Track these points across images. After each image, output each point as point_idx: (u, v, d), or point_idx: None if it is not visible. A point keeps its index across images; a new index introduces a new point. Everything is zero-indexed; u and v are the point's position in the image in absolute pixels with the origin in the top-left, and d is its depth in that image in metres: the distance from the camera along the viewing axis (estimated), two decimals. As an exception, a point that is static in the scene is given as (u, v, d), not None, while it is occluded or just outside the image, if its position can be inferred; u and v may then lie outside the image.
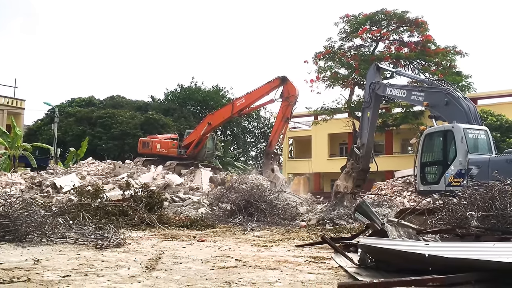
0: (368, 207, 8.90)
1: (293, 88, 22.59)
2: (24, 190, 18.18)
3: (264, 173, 22.84)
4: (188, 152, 26.96)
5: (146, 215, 12.77)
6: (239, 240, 10.29)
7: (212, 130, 27.06)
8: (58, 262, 6.70)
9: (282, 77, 22.93)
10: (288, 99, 22.43)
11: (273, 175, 21.86)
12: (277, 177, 21.76)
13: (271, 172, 21.98)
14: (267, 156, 22.82)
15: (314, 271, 6.26)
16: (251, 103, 24.69)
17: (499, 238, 6.83)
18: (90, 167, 24.97)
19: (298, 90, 22.82)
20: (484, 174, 10.87)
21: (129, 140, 40.73)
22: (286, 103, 22.47)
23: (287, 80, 22.74)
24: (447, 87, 14.03)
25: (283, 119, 22.63)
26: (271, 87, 23.38)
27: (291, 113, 22.76)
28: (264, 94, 23.82)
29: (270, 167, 22.10)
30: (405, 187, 19.60)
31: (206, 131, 26.40)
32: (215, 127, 26.88)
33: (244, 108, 24.95)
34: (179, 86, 53.96)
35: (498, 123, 25.46)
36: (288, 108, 22.55)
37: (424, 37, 29.29)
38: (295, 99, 22.59)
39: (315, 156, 40.29)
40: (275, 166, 22.21)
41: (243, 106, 24.82)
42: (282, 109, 22.75)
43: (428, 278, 4.93)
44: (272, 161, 22.25)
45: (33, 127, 47.94)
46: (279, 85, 22.90)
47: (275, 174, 21.85)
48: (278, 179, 21.64)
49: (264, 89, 23.73)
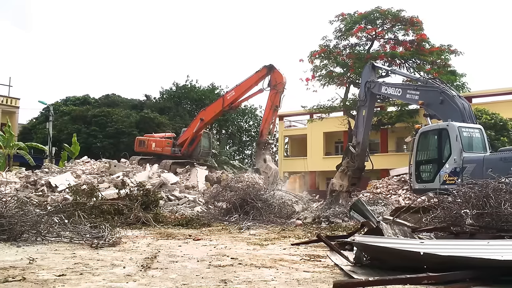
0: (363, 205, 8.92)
1: (280, 75, 22.45)
2: (19, 189, 18.10)
3: (257, 164, 22.69)
4: (182, 150, 26.85)
5: (141, 214, 12.77)
6: (235, 238, 10.29)
7: (205, 126, 26.90)
8: (53, 261, 6.68)
9: (268, 66, 22.83)
10: (276, 87, 22.26)
11: (265, 165, 21.55)
12: (269, 167, 21.37)
13: (263, 162, 21.70)
14: (258, 146, 22.60)
15: (310, 269, 6.27)
16: (241, 95, 24.60)
17: (493, 236, 6.88)
18: (85, 166, 24.88)
19: (286, 78, 22.55)
20: (479, 172, 10.94)
21: (125, 138, 40.59)
22: (274, 91, 22.33)
23: (273, 68, 22.64)
24: (442, 85, 14.08)
25: (271, 108, 22.39)
26: (258, 77, 23.31)
27: (279, 101, 22.42)
28: (253, 85, 23.74)
29: (262, 157, 21.82)
30: (400, 185, 19.66)
31: (199, 127, 26.34)
32: (208, 122, 26.74)
33: (234, 101, 24.85)
34: (174, 85, 53.87)
35: (492, 122, 25.54)
36: (276, 96, 22.33)
37: (419, 36, 29.33)
38: (283, 87, 22.37)
39: (311, 155, 40.33)
40: (267, 156, 21.81)
41: (233, 98, 24.76)
42: (270, 97, 22.58)
43: (423, 276, 4.96)
44: (264, 151, 21.93)
45: (27, 126, 47.71)
46: (267, 74, 22.79)
47: (267, 164, 21.43)
48: (270, 169, 21.26)
49: (252, 79, 23.67)
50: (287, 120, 45.72)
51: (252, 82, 23.64)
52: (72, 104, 47.49)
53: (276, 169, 21.92)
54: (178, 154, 26.87)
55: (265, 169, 21.59)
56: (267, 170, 21.44)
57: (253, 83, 23.64)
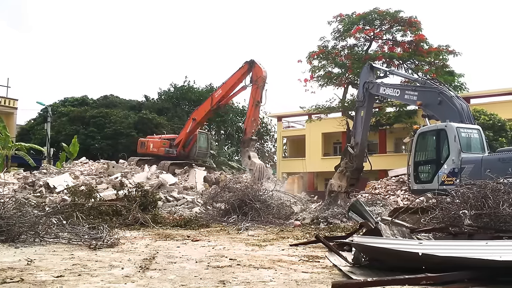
0: (362, 206, 8.94)
1: (260, 69, 22.32)
2: (17, 190, 18.06)
3: (242, 162, 22.63)
4: (178, 151, 26.94)
5: (140, 214, 12.75)
6: (233, 239, 10.29)
7: (199, 126, 26.88)
8: (51, 262, 6.67)
9: (250, 61, 22.82)
10: (257, 82, 22.25)
11: (249, 162, 21.43)
12: (253, 163, 21.18)
13: (248, 159, 21.60)
14: (243, 145, 22.58)
15: (308, 270, 6.27)
16: (227, 93, 24.66)
17: (492, 237, 6.88)
18: (83, 166, 24.85)
19: (266, 72, 22.41)
20: (477, 173, 10.95)
21: (123, 139, 40.53)
22: (255, 86, 22.23)
23: (254, 63, 22.58)
24: (440, 86, 14.10)
25: (253, 104, 22.37)
26: (241, 74, 23.31)
27: (261, 96, 22.26)
28: (237, 82, 23.75)
29: (246, 154, 21.73)
30: (399, 186, 19.66)
31: (193, 127, 26.43)
32: (200, 122, 26.74)
33: (222, 99, 24.92)
34: (172, 86, 53.83)
35: (490, 122, 25.57)
36: (257, 91, 22.18)
37: (417, 36, 29.41)
38: (263, 81, 22.19)
39: (309, 155, 40.34)
40: (251, 153, 21.58)
41: (220, 96, 24.83)
42: (251, 93, 22.48)
43: (421, 277, 4.96)
44: (248, 148, 21.82)
45: (26, 127, 47.61)
46: (249, 70, 22.75)
47: (252, 161, 21.30)
48: (254, 165, 21.09)
49: (235, 76, 23.68)
50: (285, 121, 45.73)
51: (236, 79, 23.72)
52: (70, 105, 47.41)
53: (261, 164, 21.62)
54: (173, 154, 26.88)
55: (250, 166, 21.46)
56: (252, 166, 21.29)
57: (236, 80, 23.72)
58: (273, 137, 54.09)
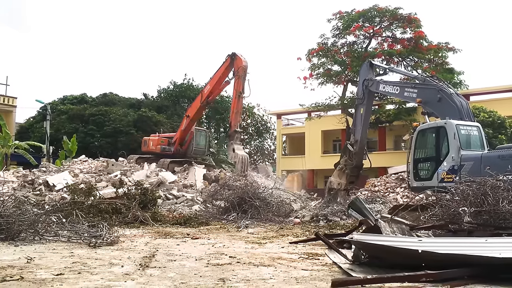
0: (361, 204, 8.93)
1: (240, 60, 22.40)
2: (17, 188, 18.06)
3: (228, 156, 22.65)
4: (175, 148, 27.03)
5: (139, 212, 12.75)
6: (233, 237, 10.29)
7: (193, 123, 26.87)
8: (51, 260, 6.66)
9: (231, 54, 22.97)
10: (238, 73, 22.33)
11: (233, 154, 21.44)
12: (236, 155, 21.09)
13: (232, 152, 21.56)
14: (228, 138, 22.67)
15: (308, 268, 6.27)
16: (214, 88, 24.80)
17: (491, 234, 6.88)
18: (83, 164, 24.85)
19: (246, 61, 22.45)
20: (477, 170, 10.96)
21: (122, 137, 40.52)
22: (237, 77, 22.35)
23: (235, 55, 22.76)
24: (439, 83, 14.09)
25: (236, 95, 22.41)
26: (225, 67, 23.44)
27: (242, 86, 22.27)
28: (223, 76, 23.91)
29: (231, 147, 21.75)
30: (398, 183, 19.67)
31: (187, 124, 26.53)
32: (193, 119, 26.77)
33: (210, 94, 25.08)
34: (171, 83, 53.76)
35: (490, 120, 25.60)
36: (239, 82, 22.17)
37: (416, 33, 29.37)
38: (244, 71, 22.19)
39: (309, 153, 40.35)
40: (235, 146, 21.38)
41: (208, 92, 24.99)
42: (234, 85, 22.58)
43: (421, 274, 4.96)
44: (233, 141, 21.81)
45: (25, 125, 47.59)
46: (231, 63, 22.91)
47: (236, 153, 21.22)
48: (237, 156, 21.04)
49: (220, 71, 23.83)
50: (285, 118, 45.73)
51: (220, 73, 23.86)
52: (69, 103, 47.36)
53: (244, 155, 21.49)
54: (170, 152, 26.95)
55: (234, 159, 21.39)
56: (235, 159, 21.22)
57: (221, 74, 23.86)
58: (273, 135, 54.11)
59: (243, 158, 21.27)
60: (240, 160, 21.02)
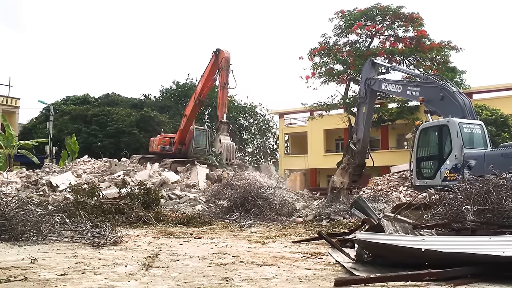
0: (364, 203, 8.94)
1: (223, 52, 22.80)
2: (20, 189, 18.11)
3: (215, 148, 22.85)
4: (175, 148, 27.21)
5: (142, 212, 12.77)
6: (236, 236, 10.30)
7: (190, 121, 27.01)
8: (55, 260, 6.68)
9: (215, 50, 23.35)
10: (221, 65, 22.59)
11: (219, 145, 21.45)
12: (222, 144, 21.08)
13: (219, 143, 21.66)
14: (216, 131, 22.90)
15: (311, 267, 6.27)
16: (204, 85, 25.17)
17: (494, 232, 6.88)
18: (86, 165, 24.91)
19: (229, 53, 22.81)
20: (480, 169, 10.92)
21: (125, 138, 40.60)
22: (220, 69, 22.68)
23: (219, 50, 23.13)
24: (442, 82, 14.06)
25: (221, 87, 22.67)
26: (212, 64, 23.78)
27: (226, 78, 22.49)
28: (211, 74, 24.20)
29: (218, 139, 21.86)
30: (401, 182, 19.69)
31: (184, 123, 26.77)
32: (190, 117, 26.94)
33: (201, 92, 25.41)
34: (174, 83, 53.79)
35: (493, 118, 25.53)
36: (222, 73, 22.47)
37: (418, 32, 29.30)
38: (226, 62, 22.47)
39: (311, 152, 40.33)
40: (222, 136, 21.46)
41: (200, 89, 25.35)
42: (219, 77, 22.94)
43: (424, 273, 4.96)
44: (220, 132, 21.91)
45: (28, 126, 47.70)
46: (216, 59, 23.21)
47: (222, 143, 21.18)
48: (222, 146, 21.01)
49: (208, 68, 24.24)
50: (287, 117, 45.72)
51: (208, 70, 24.24)
52: (72, 104, 47.45)
53: (229, 143, 21.42)
54: (170, 152, 27.14)
55: (220, 148, 21.45)
56: (222, 149, 21.23)
57: (209, 71, 24.22)
58: (275, 134, 54.09)
59: (228, 146, 21.25)
60: (225, 148, 21.03)
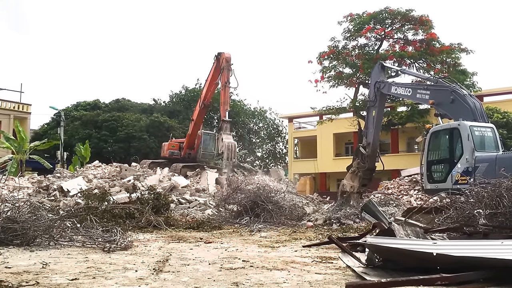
0: (374, 206, 8.88)
1: (223, 53, 23.19)
2: (32, 194, 18.27)
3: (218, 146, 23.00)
4: (183, 152, 27.37)
5: (152, 217, 12.81)
6: (246, 241, 10.29)
7: (197, 126, 27.27)
8: (66, 265, 6.72)
9: (217, 54, 23.72)
10: (222, 65, 22.97)
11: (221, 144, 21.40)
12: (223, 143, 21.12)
13: (221, 142, 21.67)
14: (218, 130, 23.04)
15: (322, 271, 6.25)
16: (208, 89, 25.52)
17: (507, 236, 6.79)
18: (96, 170, 25.08)
19: (229, 53, 23.23)
20: (491, 172, 10.82)
21: (135, 143, 40.87)
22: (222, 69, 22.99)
23: (220, 53, 23.50)
24: (452, 84, 13.97)
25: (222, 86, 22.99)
26: (215, 68, 24.12)
27: (227, 77, 22.76)
28: (215, 77, 24.48)
29: (220, 138, 21.94)
30: (412, 185, 19.54)
31: (192, 127, 27.08)
32: (197, 122, 27.22)
33: (206, 96, 25.74)
34: (184, 88, 54.02)
35: (504, 120, 25.31)
36: (223, 73, 22.83)
37: (428, 35, 29.15)
38: (227, 62, 22.84)
39: (321, 156, 40.23)
40: (224, 135, 21.57)
41: (205, 94, 25.70)
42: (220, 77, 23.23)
43: (436, 277, 4.91)
44: (222, 131, 21.94)
45: (39, 131, 48.20)
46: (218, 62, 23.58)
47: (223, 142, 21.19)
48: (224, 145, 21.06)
49: (211, 72, 24.62)
50: (296, 121, 45.68)
51: (211, 74, 24.61)
52: (82, 109, 47.92)
53: (230, 142, 21.39)
54: (178, 156, 27.29)
55: (221, 149, 21.45)
56: (223, 148, 21.19)
57: (212, 75, 24.56)
58: (285, 138, 54.04)
59: (230, 145, 21.25)
60: (226, 147, 21.05)
